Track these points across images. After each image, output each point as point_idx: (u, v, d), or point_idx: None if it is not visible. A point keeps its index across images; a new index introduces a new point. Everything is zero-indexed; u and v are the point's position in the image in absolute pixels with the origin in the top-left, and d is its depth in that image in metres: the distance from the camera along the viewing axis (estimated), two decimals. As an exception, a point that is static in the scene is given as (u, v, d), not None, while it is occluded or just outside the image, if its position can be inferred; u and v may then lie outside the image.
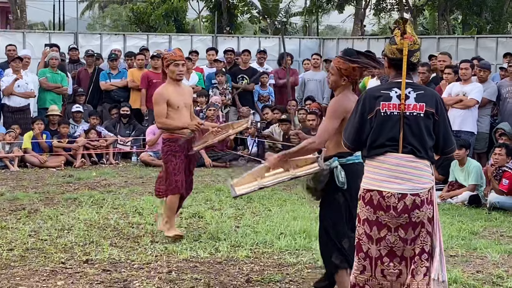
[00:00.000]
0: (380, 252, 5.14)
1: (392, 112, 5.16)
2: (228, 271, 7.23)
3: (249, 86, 17.33)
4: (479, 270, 7.40)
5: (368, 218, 5.17)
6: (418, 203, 5.06)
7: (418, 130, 5.15)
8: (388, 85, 5.30)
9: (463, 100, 12.65)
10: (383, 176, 5.13)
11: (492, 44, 20.55)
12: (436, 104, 5.23)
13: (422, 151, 5.14)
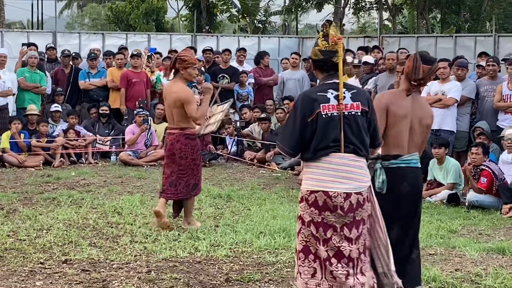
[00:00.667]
0: (328, 253, 5.17)
1: (333, 113, 5.25)
2: (207, 270, 7.22)
3: (230, 85, 17.32)
4: (458, 269, 7.43)
5: (314, 220, 5.21)
6: (361, 201, 5.20)
7: (357, 129, 5.28)
8: (322, 87, 5.39)
9: (442, 99, 12.70)
10: (328, 177, 5.19)
11: (471, 43, 20.66)
12: (368, 102, 5.39)
13: (363, 149, 5.29)
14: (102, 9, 57.38)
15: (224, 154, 16.26)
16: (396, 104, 5.97)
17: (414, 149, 5.99)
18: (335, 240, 5.17)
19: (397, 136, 5.94)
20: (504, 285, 6.72)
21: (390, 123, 5.92)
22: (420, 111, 6.04)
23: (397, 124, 5.93)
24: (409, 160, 5.91)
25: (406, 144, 5.95)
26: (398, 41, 22.53)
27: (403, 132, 5.94)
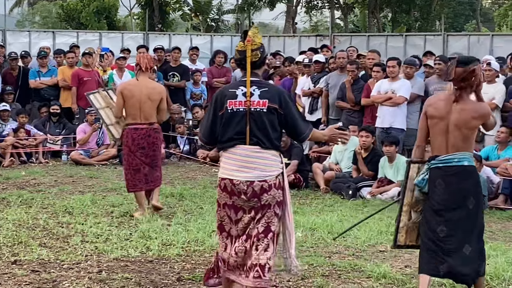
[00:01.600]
0: (238, 232, 5.82)
1: (238, 108, 5.77)
2: (159, 270, 7.21)
3: (181, 83, 17.28)
4: (407, 265, 7.52)
5: (227, 203, 5.84)
6: (266, 188, 5.71)
7: (262, 124, 5.75)
8: (236, 84, 5.94)
9: (392, 97, 12.82)
10: (233, 166, 5.77)
11: (420, 42, 20.92)
12: (280, 100, 5.79)
13: (267, 143, 5.76)
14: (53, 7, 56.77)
15: (176, 153, 16.23)
16: (433, 107, 6.44)
17: (455, 150, 6.29)
18: (243, 221, 5.78)
19: (435, 138, 6.40)
20: (452, 281, 6.80)
21: (429, 126, 6.42)
22: (459, 114, 6.27)
23: (434, 126, 6.38)
24: (448, 159, 6.27)
25: (444, 145, 6.31)
26: (349, 39, 22.70)
27: (440, 134, 6.33)
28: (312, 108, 14.62)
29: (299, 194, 12.21)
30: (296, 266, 5.95)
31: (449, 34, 22.00)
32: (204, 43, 22.95)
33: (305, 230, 8.98)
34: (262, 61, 5.92)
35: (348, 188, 11.96)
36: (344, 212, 10.47)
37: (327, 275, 7.07)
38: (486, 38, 20.59)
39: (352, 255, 7.90)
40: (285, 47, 22.55)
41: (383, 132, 12.78)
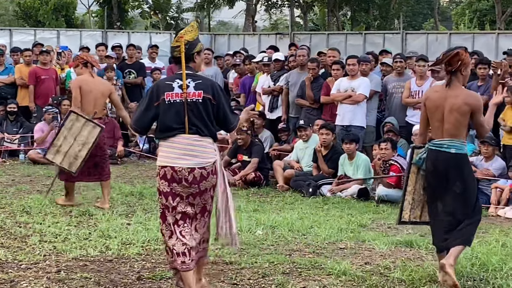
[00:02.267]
0: (176, 217, 6.12)
1: (175, 100, 6.12)
2: (118, 269, 7.16)
3: (137, 80, 17.20)
4: (367, 262, 7.55)
5: (165, 190, 6.13)
6: (205, 175, 6.10)
7: (199, 114, 6.14)
8: (172, 77, 6.30)
9: (352, 95, 12.86)
10: (175, 154, 6.08)
11: (379, 40, 21.04)
12: (213, 91, 6.22)
13: (205, 131, 6.15)
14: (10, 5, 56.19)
15: (136, 151, 16.14)
16: (430, 99, 7.00)
17: (447, 136, 6.82)
18: (180, 207, 6.12)
19: (434, 125, 6.96)
20: (411, 277, 6.85)
21: (429, 116, 6.98)
22: (451, 100, 6.79)
23: (433, 116, 6.93)
24: (439, 144, 6.83)
25: (440, 131, 6.87)
26: (309, 38, 22.75)
27: (437, 121, 6.89)
28: (272, 106, 14.63)
29: (260, 192, 12.22)
30: (237, 241, 6.46)
31: (408, 32, 22.16)
32: (164, 41, 22.84)
33: (266, 228, 8.97)
34: (189, 56, 6.25)
35: (308, 186, 11.99)
36: (304, 209, 10.49)
37: (288, 273, 7.06)
38: (444, 37, 20.78)
39: (312, 253, 7.91)
40: (245, 45, 22.52)
41: (343, 130, 12.83)
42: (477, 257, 7.58)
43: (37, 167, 14.24)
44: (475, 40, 19.71)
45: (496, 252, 7.81)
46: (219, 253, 7.69)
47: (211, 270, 7.10)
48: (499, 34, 19.96)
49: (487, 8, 45.08)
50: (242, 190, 12.23)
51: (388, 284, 6.74)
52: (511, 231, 9.38)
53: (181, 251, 6.09)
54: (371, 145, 13.16)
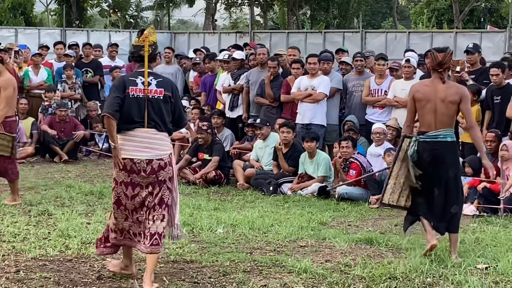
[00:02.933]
0: (135, 205, 6.57)
1: (139, 95, 6.57)
2: (78, 268, 7.11)
3: (95, 79, 17.09)
4: (328, 259, 7.58)
5: (124, 180, 6.57)
6: (162, 165, 6.55)
7: (159, 110, 6.62)
8: (135, 74, 6.72)
9: (312, 94, 12.90)
10: (134, 147, 6.53)
11: (339, 39, 21.16)
12: (172, 90, 6.75)
13: (162, 126, 6.62)
14: (-34, 3, 55.43)
15: (95, 150, 16.04)
16: (420, 92, 7.73)
17: (441, 126, 7.60)
18: (141, 196, 6.56)
19: (425, 117, 7.66)
20: (372, 274, 6.89)
21: (418, 107, 7.70)
22: (443, 93, 7.62)
23: (423, 108, 7.64)
24: (435, 135, 7.59)
25: (433, 122, 7.61)
26: (269, 36, 22.79)
27: (429, 113, 7.61)
28: (233, 105, 14.61)
29: (220, 191, 12.21)
30: (181, 232, 6.88)
31: (367, 31, 22.30)
32: (123, 39, 22.73)
33: (227, 227, 8.98)
34: (153, 56, 6.78)
35: (269, 184, 12.01)
36: (265, 208, 10.51)
37: (249, 271, 7.07)
38: (403, 35, 20.97)
39: (273, 251, 7.93)
40: (205, 44, 22.50)
41: (303, 128, 12.87)
42: (436, 253, 7.65)
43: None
44: (434, 39, 19.93)
45: (455, 249, 7.90)
46: (180, 252, 7.67)
47: (171, 269, 7.09)
48: (457, 33, 20.18)
49: (445, 8, 45.54)
50: (202, 189, 12.21)
51: (349, 281, 6.77)
52: (469, 227, 9.47)
53: (133, 233, 6.67)
54: (333, 143, 13.20)
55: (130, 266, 6.83)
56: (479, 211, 10.65)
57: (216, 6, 47.43)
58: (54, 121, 15.59)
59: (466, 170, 11.40)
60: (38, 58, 16.71)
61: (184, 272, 7.00)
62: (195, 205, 10.42)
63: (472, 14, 45.26)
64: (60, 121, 15.57)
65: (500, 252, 7.86)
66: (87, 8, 43.90)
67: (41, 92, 16.32)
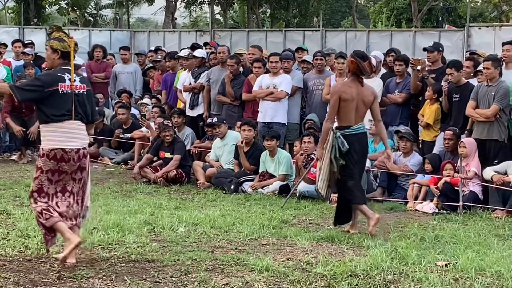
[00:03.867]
0: (57, 190, 7.19)
1: (67, 91, 7.16)
2: (38, 268, 7.04)
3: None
4: (289, 258, 7.59)
5: (52, 169, 7.10)
6: (85, 153, 7.30)
7: (84, 103, 7.30)
8: (61, 71, 7.25)
9: (274, 92, 12.92)
10: (65, 138, 7.11)
11: (299, 38, 21.20)
12: (90, 86, 7.48)
13: (86, 118, 7.31)
14: None
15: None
16: (345, 92, 8.89)
17: (360, 120, 9.00)
18: (65, 181, 7.20)
19: (348, 113, 8.90)
20: (333, 272, 6.91)
21: (342, 105, 8.86)
22: (363, 93, 8.95)
23: (348, 106, 8.86)
24: (357, 128, 8.95)
25: (353, 118, 8.90)
26: (229, 35, 22.77)
27: (351, 110, 8.89)
28: (193, 104, 14.60)
29: (182, 189, 12.18)
30: (89, 212, 7.71)
31: (327, 30, 22.36)
32: (83, 37, 22.53)
33: (188, 225, 8.95)
34: (74, 56, 7.38)
35: (230, 182, 12.01)
36: (226, 206, 10.50)
37: (210, 270, 7.05)
38: (362, 34, 21.05)
39: (235, 249, 7.92)
40: (165, 43, 22.44)
41: (264, 126, 12.88)
42: (396, 251, 7.71)
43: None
44: (393, 37, 20.06)
45: (415, 246, 7.97)
46: (141, 251, 7.63)
47: (132, 268, 7.05)
48: (416, 32, 20.33)
49: (403, 7, 45.86)
50: (163, 188, 12.17)
51: (310, 279, 6.78)
52: (429, 225, 9.57)
53: (59, 211, 7.20)
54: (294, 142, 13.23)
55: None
56: (439, 208, 10.76)
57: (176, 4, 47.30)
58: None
59: (425, 167, 11.51)
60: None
61: (146, 272, 6.96)
62: (156, 204, 10.39)
63: (430, 13, 45.64)
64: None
65: (460, 249, 7.94)
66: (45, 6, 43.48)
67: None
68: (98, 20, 53.03)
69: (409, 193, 11.36)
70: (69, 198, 7.28)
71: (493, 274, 7.00)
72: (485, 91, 11.19)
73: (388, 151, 9.47)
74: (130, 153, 14.98)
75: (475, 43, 18.82)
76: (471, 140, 11.18)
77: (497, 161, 10.99)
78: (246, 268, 7.12)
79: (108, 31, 26.05)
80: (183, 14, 56.89)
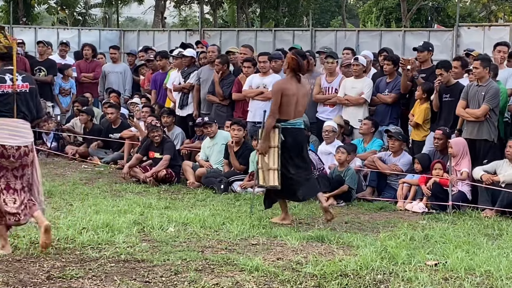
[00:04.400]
0: (2, 187, 7.44)
1: (8, 91, 7.50)
2: (28, 268, 7.01)
3: (47, 78, 16.83)
4: (279, 257, 7.58)
5: None
6: (27, 152, 7.51)
7: (26, 102, 7.61)
8: (2, 71, 7.58)
9: (264, 92, 12.91)
10: (6, 135, 7.37)
11: (289, 37, 21.24)
12: (34, 84, 7.80)
13: (29, 117, 7.62)
14: None
15: (44, 149, 15.85)
16: (287, 88, 9.36)
17: (299, 115, 9.52)
18: (6, 177, 7.46)
19: (288, 108, 9.35)
20: (323, 272, 6.92)
21: (283, 101, 9.29)
22: (302, 90, 9.53)
23: (288, 101, 9.33)
24: (294, 123, 9.43)
25: (292, 113, 9.39)
26: (219, 34, 22.78)
27: (291, 105, 9.36)
28: (183, 103, 14.59)
29: (171, 189, 12.16)
30: (44, 205, 8.11)
31: (317, 29, 22.40)
32: (72, 37, 22.52)
33: (178, 225, 8.94)
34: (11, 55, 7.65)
35: (220, 182, 11.99)
36: (216, 206, 10.49)
37: (200, 270, 7.05)
38: (352, 34, 21.12)
39: (225, 249, 7.92)
40: (154, 42, 22.44)
41: (254, 126, 12.88)
42: (386, 250, 7.72)
43: None
44: (383, 37, 20.11)
45: (405, 246, 7.98)
46: (131, 251, 7.62)
47: (122, 268, 7.04)
48: (405, 32, 20.39)
49: (393, 6, 46.02)
50: (153, 188, 12.14)
51: (300, 279, 6.79)
52: (419, 224, 9.59)
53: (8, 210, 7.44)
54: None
55: (6, 245, 7.57)
56: (428, 208, 10.78)
57: (165, 3, 47.27)
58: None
59: (415, 167, 11.53)
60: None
61: (135, 272, 6.96)
62: (145, 203, 10.37)
63: (419, 13, 45.81)
64: None
65: (449, 248, 7.95)
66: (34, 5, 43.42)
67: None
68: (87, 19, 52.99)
69: (399, 193, 11.38)
70: (13, 195, 7.51)
71: (483, 273, 7.02)
72: (475, 91, 11.20)
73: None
74: (119, 153, 14.94)
75: (464, 43, 18.90)
76: (459, 140, 11.19)
77: (487, 161, 11.02)
78: (236, 268, 7.12)
79: (97, 30, 26.05)
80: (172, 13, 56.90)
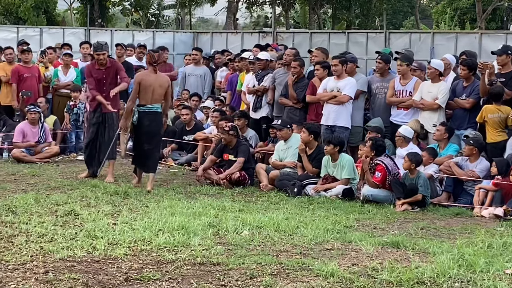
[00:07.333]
0: None
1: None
2: (106, 269, 7.13)
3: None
4: (354, 263, 7.56)
5: None
6: None
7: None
8: None
9: (337, 96, 12.87)
10: None
11: (363, 39, 21.05)
12: None
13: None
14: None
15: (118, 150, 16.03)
16: (144, 79, 11.91)
17: (156, 102, 11.99)
18: None
19: (146, 95, 11.88)
20: (399, 279, 6.87)
21: (141, 89, 11.84)
22: (157, 80, 11.97)
23: (146, 90, 11.87)
24: (150, 107, 11.95)
25: (150, 99, 11.91)
26: (292, 36, 22.76)
27: (148, 93, 11.87)
28: (256, 106, 14.63)
29: (245, 192, 12.19)
30: None
31: (391, 32, 22.16)
32: (146, 39, 22.75)
33: (252, 228, 8.97)
34: None
35: (293, 185, 11.98)
36: (290, 209, 10.50)
37: (276, 274, 7.07)
38: (427, 36, 20.79)
39: (299, 254, 7.92)
40: (227, 44, 22.54)
41: (327, 129, 12.85)
42: (464, 258, 7.63)
43: (21, 166, 14.12)
44: (458, 39, 19.75)
45: (483, 253, 7.86)
46: (207, 254, 7.68)
47: (198, 271, 7.10)
48: (482, 34, 20.03)
49: (467, 7, 45.31)
50: (227, 190, 12.20)
51: (376, 285, 6.76)
52: (496, 231, 9.43)
53: None
54: (357, 145, 13.17)
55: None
56: (507, 214, 10.57)
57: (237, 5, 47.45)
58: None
59: (491, 170, 11.33)
60: (68, 58, 16.81)
61: (211, 275, 7.01)
62: (219, 206, 10.42)
63: (494, 13, 45.00)
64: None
65: (528, 257, 7.82)
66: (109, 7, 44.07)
67: (69, 91, 16.45)
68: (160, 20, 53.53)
69: (475, 199, 11.21)
70: None
71: None
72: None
73: None
74: (193, 155, 15.07)
75: (542, 45, 18.46)
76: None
77: None
78: (311, 273, 7.13)
79: (171, 32, 26.24)
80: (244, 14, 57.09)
